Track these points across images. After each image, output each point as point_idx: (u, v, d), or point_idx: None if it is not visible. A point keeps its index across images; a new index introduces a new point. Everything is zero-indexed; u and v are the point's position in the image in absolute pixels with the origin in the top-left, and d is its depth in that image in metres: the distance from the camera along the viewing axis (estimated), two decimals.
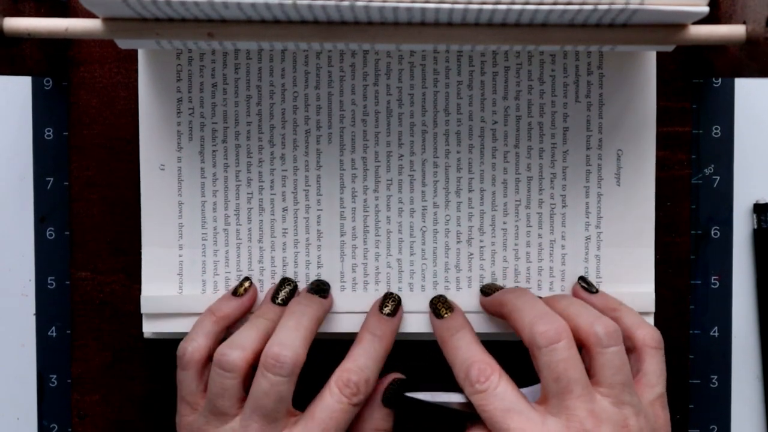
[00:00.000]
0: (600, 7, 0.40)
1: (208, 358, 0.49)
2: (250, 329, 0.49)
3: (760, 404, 0.56)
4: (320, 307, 0.50)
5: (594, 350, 0.46)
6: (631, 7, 0.41)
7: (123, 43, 0.46)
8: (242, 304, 0.51)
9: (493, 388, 0.46)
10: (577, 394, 0.45)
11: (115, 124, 0.54)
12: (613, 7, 0.41)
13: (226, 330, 0.51)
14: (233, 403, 0.47)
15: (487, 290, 0.52)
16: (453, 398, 0.50)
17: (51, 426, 0.56)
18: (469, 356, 0.48)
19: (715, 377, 0.56)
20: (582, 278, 0.52)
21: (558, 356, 0.45)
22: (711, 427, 0.56)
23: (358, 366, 0.48)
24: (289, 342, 0.47)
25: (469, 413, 0.49)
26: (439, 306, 0.51)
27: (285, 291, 0.51)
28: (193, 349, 0.49)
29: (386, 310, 0.51)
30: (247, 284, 0.52)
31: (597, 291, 0.52)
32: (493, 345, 0.51)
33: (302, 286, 0.52)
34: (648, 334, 0.48)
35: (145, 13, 0.43)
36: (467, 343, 0.49)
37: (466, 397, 0.48)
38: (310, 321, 0.49)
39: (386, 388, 0.51)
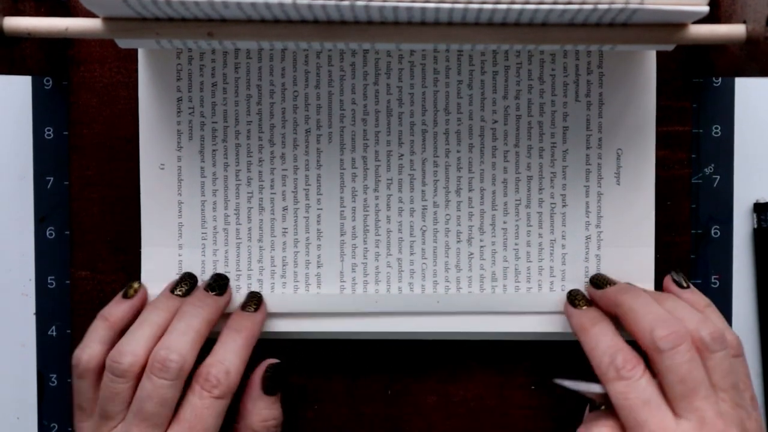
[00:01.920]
0: (600, 6, 0.40)
1: (104, 365, 0.49)
2: (142, 328, 0.48)
3: (760, 404, 0.56)
4: (213, 309, 0.50)
5: (703, 355, 0.47)
6: (631, 6, 0.41)
7: (123, 43, 0.46)
8: (133, 306, 0.51)
9: (638, 378, 0.46)
10: (703, 395, 0.45)
11: (115, 124, 0.54)
12: (613, 6, 0.41)
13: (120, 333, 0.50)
14: (123, 408, 0.47)
15: (597, 282, 0.51)
16: (593, 388, 0.48)
17: (51, 425, 0.56)
18: (615, 344, 0.47)
19: None
20: (674, 272, 0.52)
21: (681, 359, 0.46)
22: None
23: (217, 359, 0.48)
24: (178, 346, 0.47)
25: (603, 404, 0.49)
26: (578, 298, 0.51)
27: (183, 287, 0.51)
28: (88, 357, 0.48)
29: (249, 309, 0.51)
30: (136, 285, 0.52)
31: (688, 286, 0.51)
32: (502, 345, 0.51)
33: (302, 287, 0.52)
34: (732, 340, 0.48)
35: (145, 13, 0.43)
36: (612, 333, 0.48)
37: (603, 388, 0.47)
38: (201, 323, 0.49)
39: (263, 376, 0.51)
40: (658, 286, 0.53)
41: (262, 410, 0.50)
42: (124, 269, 0.54)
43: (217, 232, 0.52)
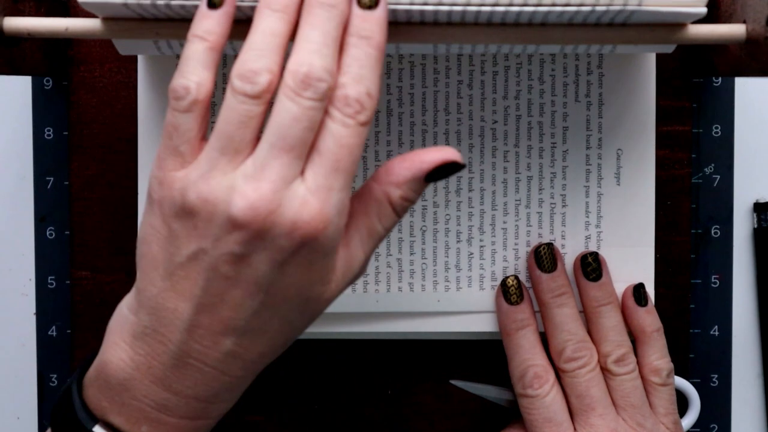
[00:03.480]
0: (598, 8, 0.41)
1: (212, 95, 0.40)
2: (266, 38, 0.38)
3: (760, 404, 0.56)
4: (346, 4, 0.39)
5: (607, 376, 0.50)
6: (629, 8, 0.41)
7: (123, 49, 0.46)
8: (228, 14, 0.39)
9: (543, 395, 0.50)
10: (600, 413, 0.49)
11: (115, 124, 0.54)
12: (611, 8, 0.41)
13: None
14: (254, 137, 0.38)
15: (541, 263, 0.52)
16: (502, 395, 0.53)
17: None
18: (528, 358, 0.50)
19: (716, 376, 0.56)
20: (637, 287, 0.52)
21: (581, 378, 0.50)
22: (711, 426, 0.56)
23: (351, 78, 0.39)
24: (321, 61, 0.38)
25: (514, 410, 0.52)
26: (512, 290, 0.52)
27: None
28: (197, 84, 0.39)
29: (366, 2, 0.40)
30: None
31: (646, 304, 0.52)
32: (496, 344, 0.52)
33: None
34: (663, 369, 0.51)
35: (145, 14, 0.43)
36: (530, 344, 0.51)
37: (514, 395, 0.51)
38: (338, 29, 0.39)
39: (438, 166, 0.41)
40: (659, 285, 0.53)
41: (410, 191, 0.41)
42: (124, 269, 0.54)
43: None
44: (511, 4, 0.40)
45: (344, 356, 0.54)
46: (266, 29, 0.38)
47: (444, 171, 0.41)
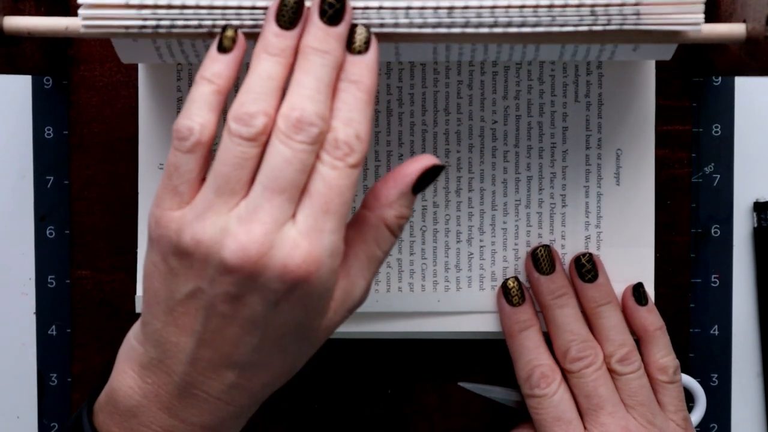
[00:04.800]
0: (595, 28, 0.41)
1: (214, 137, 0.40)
2: (262, 82, 0.39)
3: (760, 403, 0.56)
4: (340, 51, 0.40)
5: (613, 375, 0.51)
6: (626, 28, 0.41)
7: (125, 57, 0.46)
8: (236, 59, 0.40)
9: (551, 395, 0.50)
10: (609, 411, 0.50)
11: (115, 123, 0.54)
12: (608, 28, 0.41)
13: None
14: (249, 179, 0.39)
15: (539, 266, 0.52)
16: (510, 396, 0.53)
17: (51, 425, 0.56)
18: (534, 358, 0.51)
19: (716, 375, 0.56)
20: (636, 286, 0.52)
21: (587, 378, 0.50)
22: (711, 425, 0.56)
23: (341, 122, 0.39)
24: (314, 107, 0.39)
25: (522, 411, 0.52)
26: (513, 292, 0.52)
27: (286, 13, 0.40)
28: (201, 126, 0.39)
29: (356, 49, 0.40)
30: (230, 33, 0.40)
31: (647, 303, 0.52)
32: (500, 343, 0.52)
33: None
34: (670, 367, 0.51)
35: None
36: (534, 344, 0.51)
37: (521, 396, 0.51)
38: (330, 74, 0.40)
39: (421, 174, 0.42)
40: (659, 284, 0.53)
41: (402, 207, 0.42)
42: (124, 269, 0.54)
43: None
44: (509, 25, 0.41)
45: (344, 356, 0.54)
46: (263, 72, 0.39)
47: (427, 178, 0.42)
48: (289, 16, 0.40)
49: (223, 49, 0.40)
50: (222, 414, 0.41)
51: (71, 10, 0.53)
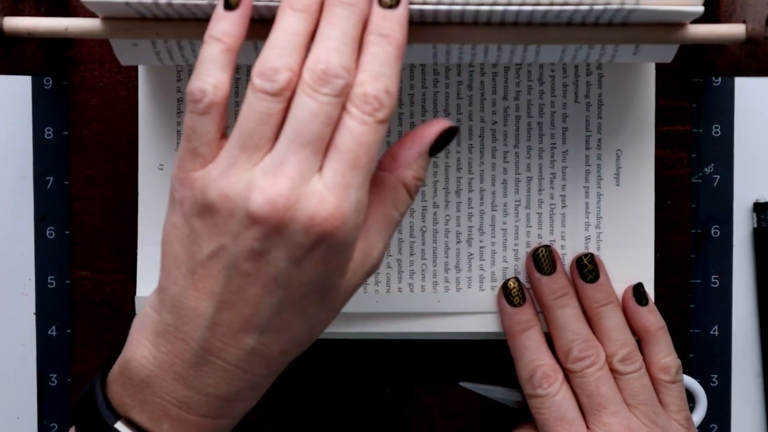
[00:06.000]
0: (596, 7, 0.41)
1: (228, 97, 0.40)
2: (287, 36, 0.39)
3: (760, 403, 0.56)
4: (365, 3, 0.40)
5: (615, 375, 0.51)
6: (627, 7, 0.41)
7: (124, 59, 0.46)
8: (244, 15, 0.40)
9: (553, 394, 0.50)
10: (612, 411, 0.49)
11: (115, 124, 0.54)
12: (609, 7, 0.41)
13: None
14: (274, 134, 0.39)
15: (540, 266, 0.52)
16: (511, 396, 0.53)
17: (51, 425, 0.56)
18: (535, 358, 0.51)
19: (716, 376, 0.56)
20: (636, 286, 0.52)
21: (589, 378, 0.50)
22: (711, 425, 0.56)
23: (370, 75, 0.39)
24: (339, 59, 0.38)
25: (523, 411, 0.52)
26: (514, 293, 0.52)
27: None
28: (214, 86, 0.39)
29: (386, 1, 0.40)
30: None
31: (647, 303, 0.52)
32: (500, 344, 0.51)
33: None
34: (672, 367, 0.51)
35: (146, 14, 0.42)
36: (536, 344, 0.51)
37: (523, 396, 0.51)
38: (356, 28, 0.39)
39: (439, 136, 0.42)
40: (659, 285, 0.53)
41: (420, 168, 0.42)
42: (124, 269, 0.54)
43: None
44: (509, 3, 0.40)
45: (344, 356, 0.54)
46: (287, 28, 0.39)
47: (444, 140, 0.42)
48: None
49: (229, 6, 0.39)
50: (239, 383, 0.41)
51: (71, 10, 0.53)
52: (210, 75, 0.39)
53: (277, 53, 0.38)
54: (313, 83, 0.38)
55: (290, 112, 0.38)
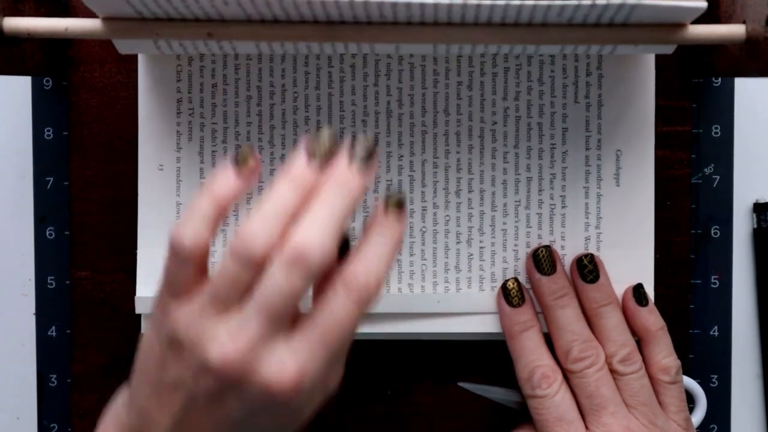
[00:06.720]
0: (598, 3, 0.40)
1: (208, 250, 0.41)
2: (276, 206, 0.39)
3: (760, 404, 0.56)
4: (359, 193, 0.40)
5: (615, 375, 0.51)
6: (630, 2, 0.41)
7: (123, 48, 0.46)
8: (248, 184, 0.40)
9: (552, 395, 0.50)
10: (611, 411, 0.50)
11: (115, 124, 0.54)
12: (612, 2, 0.40)
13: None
14: (242, 297, 0.39)
15: (540, 266, 0.52)
16: (510, 396, 0.53)
17: (51, 426, 0.56)
18: (535, 358, 0.51)
19: (715, 377, 0.56)
20: (636, 287, 0.52)
21: (589, 378, 0.50)
22: (711, 426, 0.56)
23: (366, 265, 0.39)
24: (320, 240, 0.38)
25: (522, 412, 0.52)
26: (513, 293, 0.52)
27: (320, 144, 0.40)
28: (193, 242, 0.39)
29: (392, 211, 0.41)
30: (252, 162, 0.40)
31: (647, 304, 0.52)
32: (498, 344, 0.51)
33: None
34: (671, 368, 0.51)
35: (145, 12, 0.42)
36: (535, 344, 0.51)
37: (522, 397, 0.51)
38: (345, 212, 0.40)
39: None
40: (658, 285, 0.53)
41: None
42: (124, 269, 0.54)
43: (216, 234, 0.52)
44: (509, 1, 0.40)
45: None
46: (278, 200, 0.39)
47: None
48: (321, 153, 0.39)
49: (237, 162, 0.40)
50: None
51: (71, 10, 0.53)
52: (195, 228, 0.39)
53: (260, 226, 0.39)
54: (289, 260, 0.38)
55: (262, 279, 0.38)
